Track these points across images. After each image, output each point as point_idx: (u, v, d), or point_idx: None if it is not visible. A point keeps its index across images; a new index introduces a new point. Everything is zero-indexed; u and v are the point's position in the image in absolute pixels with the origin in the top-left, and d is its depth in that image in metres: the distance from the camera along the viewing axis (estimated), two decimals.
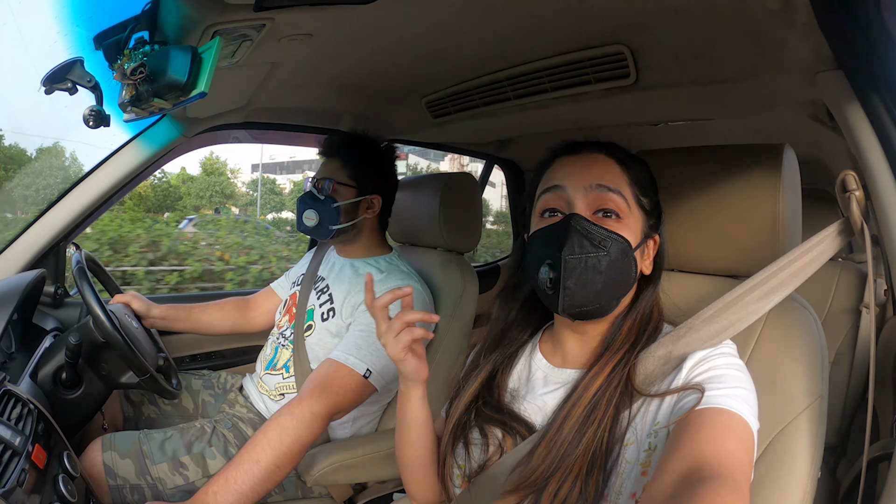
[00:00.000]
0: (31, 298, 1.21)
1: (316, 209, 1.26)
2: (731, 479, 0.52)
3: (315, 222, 1.26)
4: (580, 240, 0.68)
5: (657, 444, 0.63)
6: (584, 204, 0.71)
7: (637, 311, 0.74)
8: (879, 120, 0.69)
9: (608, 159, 0.74)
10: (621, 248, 0.69)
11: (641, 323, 0.74)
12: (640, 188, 0.73)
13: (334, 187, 1.27)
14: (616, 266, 0.68)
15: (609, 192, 0.70)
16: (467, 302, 1.34)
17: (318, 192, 1.27)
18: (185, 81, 0.76)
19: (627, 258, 0.69)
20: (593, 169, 0.72)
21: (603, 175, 0.72)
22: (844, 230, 0.72)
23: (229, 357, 1.62)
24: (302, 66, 1.13)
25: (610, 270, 0.68)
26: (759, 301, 0.69)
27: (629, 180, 0.73)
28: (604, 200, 0.70)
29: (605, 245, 0.68)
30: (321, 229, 1.27)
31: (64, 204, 1.29)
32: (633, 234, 0.71)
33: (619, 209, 0.70)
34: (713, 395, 0.60)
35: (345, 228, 1.28)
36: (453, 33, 0.96)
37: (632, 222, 0.71)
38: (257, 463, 0.95)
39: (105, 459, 1.07)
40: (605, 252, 0.68)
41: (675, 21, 0.83)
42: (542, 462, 0.67)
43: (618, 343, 0.72)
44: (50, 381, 1.05)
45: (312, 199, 1.27)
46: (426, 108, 1.40)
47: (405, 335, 0.74)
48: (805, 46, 0.75)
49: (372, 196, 1.31)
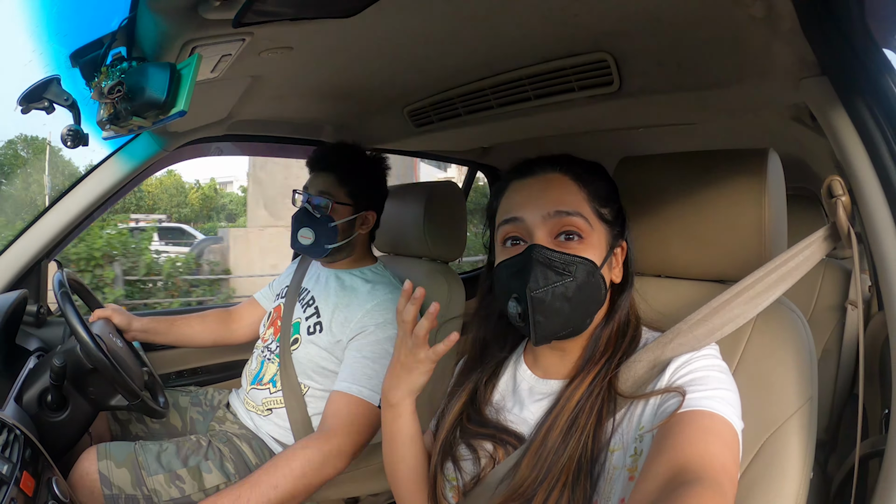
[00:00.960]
0: (13, 319, 1.18)
1: (312, 228, 1.23)
2: (714, 482, 0.52)
3: (310, 241, 1.24)
4: (543, 271, 0.68)
5: (643, 449, 0.64)
6: (544, 232, 0.70)
7: (613, 320, 0.74)
8: (864, 125, 0.70)
9: (563, 178, 0.73)
10: (587, 269, 0.69)
11: (619, 331, 0.74)
12: (599, 201, 0.73)
13: (332, 206, 1.24)
14: (584, 288, 0.69)
15: (568, 216, 0.70)
16: (454, 310, 1.34)
17: (313, 209, 1.24)
18: (165, 99, 0.75)
19: (595, 277, 0.70)
20: (549, 192, 0.72)
21: (560, 198, 0.71)
22: (831, 235, 0.73)
23: (216, 372, 1.60)
24: (283, 78, 1.11)
25: (578, 294, 0.69)
26: (747, 305, 0.70)
27: (587, 196, 0.72)
28: (563, 224, 0.70)
29: (569, 271, 0.68)
30: (316, 248, 1.24)
31: (45, 221, 1.27)
32: (597, 250, 0.71)
33: (580, 230, 0.70)
34: (695, 397, 0.60)
35: (340, 247, 1.27)
36: (435, 43, 0.96)
37: (595, 239, 0.71)
38: (275, 488, 0.96)
39: (101, 468, 1.05)
40: (570, 278, 0.68)
41: (658, 28, 0.83)
42: (530, 473, 0.67)
43: (598, 354, 0.72)
44: (35, 404, 1.03)
45: (308, 217, 1.24)
46: (408, 117, 1.39)
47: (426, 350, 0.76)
48: (789, 53, 0.75)
49: (367, 212, 1.30)
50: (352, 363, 1.13)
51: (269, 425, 1.22)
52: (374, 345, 1.13)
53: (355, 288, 1.25)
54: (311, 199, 1.26)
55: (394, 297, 1.22)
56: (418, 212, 1.38)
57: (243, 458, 1.17)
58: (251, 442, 1.20)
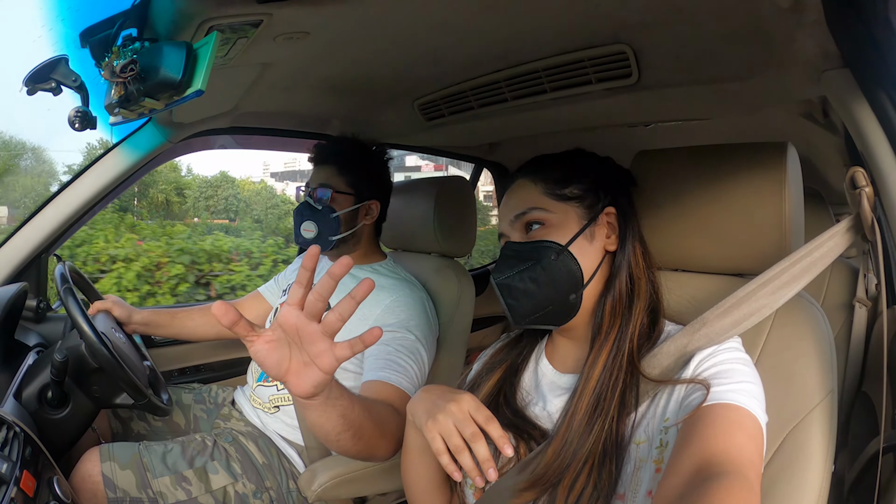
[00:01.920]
0: (13, 314, 1.15)
1: (314, 220, 1.22)
2: (740, 475, 0.52)
3: (314, 234, 1.22)
4: (508, 261, 0.76)
5: (668, 441, 0.64)
6: (517, 234, 0.78)
7: (614, 289, 0.75)
8: (887, 117, 0.70)
9: (523, 181, 0.80)
10: (549, 250, 0.73)
11: (624, 299, 0.75)
12: (557, 184, 0.78)
13: (332, 196, 1.23)
14: (550, 268, 0.73)
15: (524, 214, 0.77)
16: (464, 307, 1.32)
17: (315, 201, 1.23)
18: (181, 79, 0.72)
19: (562, 255, 0.74)
20: (513, 199, 0.80)
21: (519, 202, 0.78)
22: (854, 226, 0.73)
23: (219, 369, 1.57)
24: (293, 67, 1.09)
25: (545, 275, 0.73)
26: (772, 296, 0.70)
27: (543, 187, 0.78)
28: (525, 220, 0.77)
29: (531, 255, 0.74)
30: (320, 241, 1.23)
31: (45, 214, 1.23)
32: (562, 231, 0.75)
33: (538, 219, 0.76)
34: (720, 390, 0.60)
35: (345, 238, 1.24)
36: (453, 32, 0.94)
37: (558, 220, 0.76)
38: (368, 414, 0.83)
39: (104, 470, 1.02)
40: (532, 261, 0.74)
41: (679, 19, 0.83)
42: (556, 458, 0.67)
43: (605, 326, 0.73)
44: (35, 401, 1.00)
45: (310, 210, 1.23)
46: (418, 111, 1.37)
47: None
48: (812, 44, 0.76)
49: (370, 202, 1.28)
50: (384, 356, 1.08)
51: (276, 423, 1.20)
52: (403, 340, 1.11)
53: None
54: (312, 192, 1.24)
55: (411, 292, 1.20)
56: (428, 207, 1.36)
57: (249, 458, 1.14)
58: (257, 440, 1.17)
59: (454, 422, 0.65)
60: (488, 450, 0.64)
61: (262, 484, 1.12)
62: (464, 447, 0.64)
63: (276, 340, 0.62)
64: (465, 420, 0.65)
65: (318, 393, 0.66)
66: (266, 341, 0.62)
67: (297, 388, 0.64)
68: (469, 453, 0.64)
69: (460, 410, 0.66)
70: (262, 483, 1.12)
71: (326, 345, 0.61)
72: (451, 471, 0.64)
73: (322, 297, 0.60)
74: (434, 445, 0.65)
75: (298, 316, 0.61)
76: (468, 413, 0.65)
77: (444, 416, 0.66)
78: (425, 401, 0.71)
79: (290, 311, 0.61)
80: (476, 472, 0.64)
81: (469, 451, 0.64)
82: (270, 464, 1.14)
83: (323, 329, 0.61)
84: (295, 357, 0.63)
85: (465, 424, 0.64)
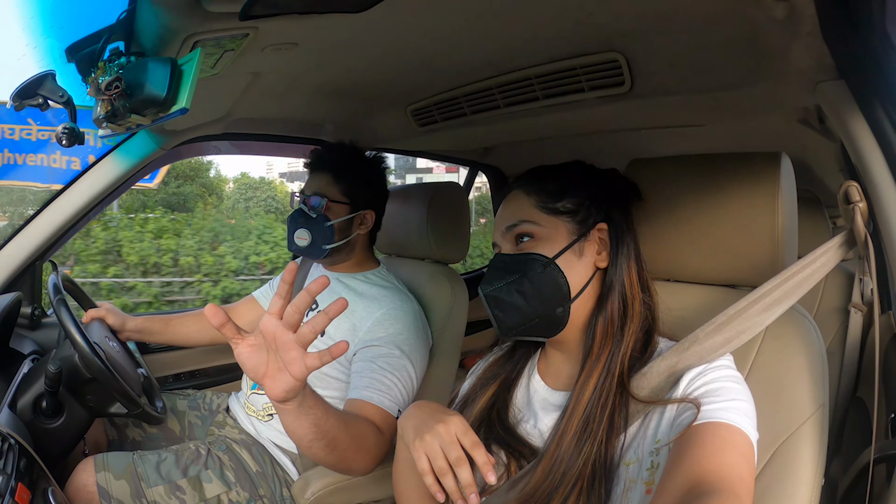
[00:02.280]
0: (7, 322, 1.15)
1: (308, 228, 1.21)
2: (732, 493, 0.52)
3: (307, 242, 1.21)
4: (496, 272, 0.76)
5: (660, 462, 0.63)
6: (508, 245, 0.79)
7: (606, 306, 0.75)
8: (882, 130, 0.69)
9: (517, 193, 0.80)
10: (536, 262, 0.74)
11: (616, 320, 0.74)
12: (549, 198, 0.77)
13: (327, 205, 1.22)
14: (537, 280, 0.73)
15: (515, 226, 0.77)
16: (458, 313, 1.32)
17: (309, 209, 1.22)
18: (165, 96, 0.72)
19: (548, 267, 0.74)
20: (506, 211, 0.80)
21: (511, 213, 0.79)
22: (847, 241, 0.72)
23: (213, 375, 1.57)
24: (285, 75, 1.09)
25: (531, 287, 0.73)
26: (763, 313, 0.69)
27: (535, 200, 0.78)
28: (515, 233, 0.77)
29: (518, 268, 0.74)
30: (313, 249, 1.22)
31: (39, 221, 1.23)
32: (550, 244, 0.75)
33: (528, 232, 0.76)
34: (712, 409, 0.60)
35: (338, 247, 1.24)
36: (444, 40, 0.93)
37: (547, 233, 0.76)
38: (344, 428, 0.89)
39: (99, 480, 1.02)
40: (519, 274, 0.74)
41: (672, 28, 0.82)
42: (546, 478, 0.66)
43: (596, 346, 0.73)
44: (30, 411, 1.00)
45: (304, 218, 1.22)
46: (412, 117, 1.36)
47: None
48: (807, 56, 0.74)
49: (365, 212, 1.27)
50: (369, 373, 1.09)
51: (270, 431, 1.20)
52: (389, 357, 1.10)
53: (361, 294, 1.22)
54: (306, 200, 1.23)
55: (402, 304, 1.19)
56: (421, 213, 1.35)
57: (243, 466, 1.14)
58: (251, 448, 1.18)
59: (440, 443, 0.65)
60: (471, 475, 0.63)
61: (256, 492, 1.12)
62: (448, 470, 0.64)
63: (257, 345, 0.68)
64: (452, 443, 0.65)
65: (290, 398, 0.72)
66: (248, 345, 0.68)
67: (270, 391, 0.70)
68: (452, 476, 0.63)
69: (447, 432, 0.65)
70: (256, 491, 1.12)
71: (298, 353, 0.67)
72: (433, 491, 0.65)
73: (299, 309, 0.66)
74: (419, 465, 0.66)
75: (276, 325, 0.66)
76: (455, 436, 0.65)
77: (431, 436, 0.66)
78: (415, 417, 0.72)
79: (269, 320, 0.67)
80: (458, 496, 0.63)
81: (453, 475, 0.64)
82: (264, 472, 1.15)
83: (297, 339, 0.66)
84: (272, 362, 0.68)
85: (450, 447, 0.64)
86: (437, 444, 0.65)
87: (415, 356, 1.14)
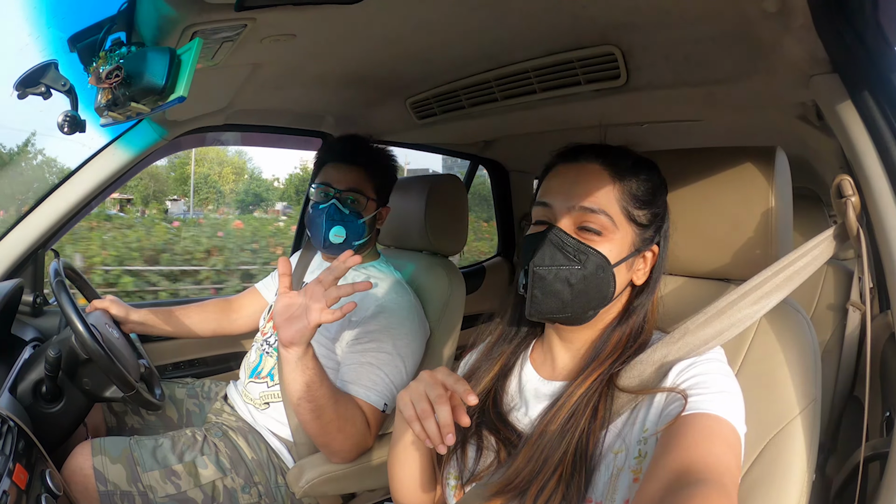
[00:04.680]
0: (9, 308, 1.17)
1: (344, 225, 1.19)
2: (718, 483, 0.52)
3: (342, 239, 1.20)
4: (553, 252, 0.70)
5: (647, 451, 0.64)
6: (568, 221, 0.72)
7: (628, 322, 0.74)
8: (874, 123, 0.69)
9: (602, 171, 0.73)
10: (597, 262, 0.70)
11: (631, 335, 0.73)
12: (634, 202, 0.72)
13: (362, 202, 1.21)
14: (590, 280, 0.70)
15: (592, 213, 0.71)
16: (455, 305, 1.32)
17: (344, 205, 1.20)
18: (164, 85, 0.73)
19: (605, 273, 0.70)
20: (581, 185, 0.72)
21: (589, 193, 0.71)
22: (839, 235, 0.72)
23: (212, 364, 1.58)
24: (285, 67, 1.10)
25: (582, 283, 0.70)
26: (754, 305, 0.69)
27: (620, 195, 0.72)
28: (586, 219, 0.71)
29: (578, 258, 0.70)
30: (346, 246, 1.20)
31: (42, 210, 1.25)
32: (616, 249, 0.71)
33: (602, 227, 0.71)
34: (700, 399, 0.60)
35: (365, 243, 1.24)
36: (441, 33, 0.94)
37: (617, 238, 0.71)
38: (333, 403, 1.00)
39: (95, 464, 1.04)
40: (578, 265, 0.70)
41: (667, 22, 0.82)
42: (526, 464, 0.67)
43: (605, 354, 0.72)
44: (30, 395, 1.02)
45: (339, 215, 1.20)
46: (411, 109, 1.37)
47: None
48: (800, 49, 0.75)
49: (384, 208, 1.29)
50: (357, 368, 1.10)
51: (266, 419, 1.21)
52: (378, 352, 1.12)
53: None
54: (340, 195, 1.21)
55: (398, 296, 1.20)
56: (419, 205, 1.36)
57: (239, 453, 1.16)
58: (247, 435, 1.19)
59: (424, 386, 0.66)
60: (450, 414, 0.64)
61: (251, 479, 1.13)
62: (430, 413, 0.64)
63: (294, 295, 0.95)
64: (435, 384, 0.66)
65: (295, 343, 0.94)
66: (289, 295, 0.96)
67: (284, 332, 0.94)
68: (434, 420, 0.64)
69: (431, 377, 0.67)
70: (251, 478, 1.14)
71: (321, 305, 0.92)
72: (422, 438, 0.65)
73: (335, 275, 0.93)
74: (405, 413, 0.66)
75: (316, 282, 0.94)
76: (438, 379, 0.66)
77: (416, 382, 0.68)
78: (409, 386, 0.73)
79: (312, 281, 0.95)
80: (439, 440, 0.64)
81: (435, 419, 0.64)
82: (259, 459, 1.16)
83: (325, 294, 0.92)
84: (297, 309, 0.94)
85: (432, 387, 0.65)
86: (422, 387, 0.66)
87: (407, 350, 1.14)
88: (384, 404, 1.09)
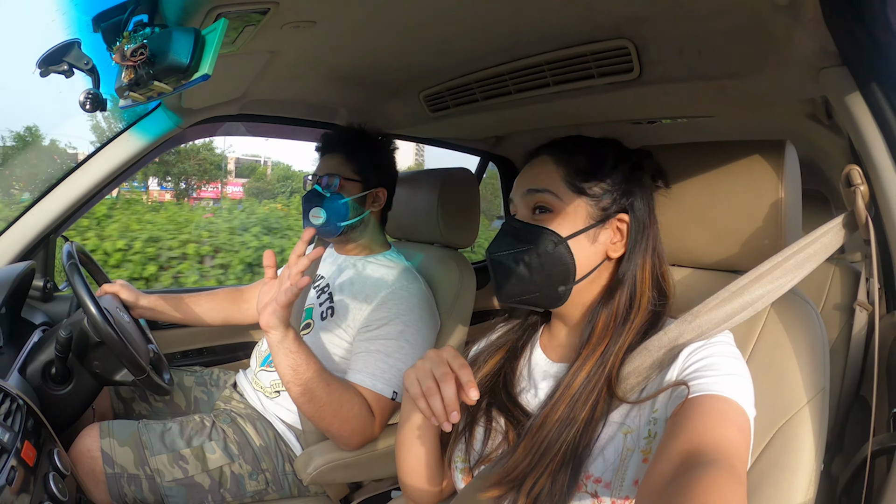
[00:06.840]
0: (19, 292, 1.18)
1: (323, 206, 1.22)
2: (728, 464, 0.52)
3: (322, 220, 1.22)
4: (506, 238, 0.76)
5: (657, 432, 0.64)
6: (524, 208, 0.77)
7: (613, 297, 0.74)
8: (883, 115, 0.70)
9: (546, 158, 0.78)
10: (548, 238, 0.73)
11: (619, 315, 0.73)
12: (579, 175, 0.76)
13: (341, 183, 1.24)
14: (544, 256, 0.73)
15: (537, 193, 0.76)
16: (465, 298, 1.33)
17: (323, 188, 1.24)
18: (189, 63, 0.74)
19: (559, 247, 0.73)
20: (530, 174, 0.79)
21: (535, 178, 0.77)
22: (848, 223, 0.73)
23: (221, 353, 1.59)
24: (301, 56, 1.11)
25: (537, 261, 0.73)
26: (764, 289, 0.70)
27: (564, 172, 0.76)
28: (535, 200, 0.76)
29: (528, 239, 0.74)
30: (329, 227, 1.23)
31: (55, 195, 1.26)
32: (569, 223, 0.74)
33: (548, 204, 0.75)
34: (709, 381, 0.61)
35: (353, 224, 1.26)
36: (460, 24, 0.95)
37: (569, 211, 0.75)
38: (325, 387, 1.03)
39: (103, 446, 1.04)
40: (529, 245, 0.74)
41: (680, 15, 0.83)
42: (524, 458, 0.67)
43: (595, 338, 0.72)
44: (39, 377, 1.02)
45: (318, 197, 1.23)
46: (424, 102, 1.38)
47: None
48: (810, 42, 0.76)
49: (377, 189, 1.30)
50: (365, 356, 1.12)
51: (276, 407, 1.21)
52: (387, 339, 1.13)
53: (370, 275, 1.25)
54: (319, 180, 1.25)
55: (409, 284, 1.21)
56: (432, 198, 1.37)
57: (247, 439, 1.16)
58: (255, 423, 1.19)
59: (430, 364, 0.67)
60: (455, 392, 0.64)
61: (259, 465, 1.13)
62: (435, 390, 0.65)
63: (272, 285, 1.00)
64: (440, 362, 0.66)
65: (273, 327, 0.98)
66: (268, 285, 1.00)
67: (262, 316, 0.98)
68: (440, 398, 0.64)
69: (437, 355, 0.68)
70: (259, 465, 1.14)
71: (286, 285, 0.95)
72: (428, 415, 0.65)
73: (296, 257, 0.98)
74: (412, 391, 0.67)
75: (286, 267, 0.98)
76: (444, 358, 0.67)
77: (422, 361, 0.69)
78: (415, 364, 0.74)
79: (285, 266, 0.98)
80: (444, 417, 0.64)
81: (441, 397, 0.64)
82: (267, 446, 1.16)
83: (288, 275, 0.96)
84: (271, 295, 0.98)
85: (438, 365, 0.66)
86: (428, 365, 0.67)
87: (417, 337, 1.15)
88: (393, 392, 1.09)
